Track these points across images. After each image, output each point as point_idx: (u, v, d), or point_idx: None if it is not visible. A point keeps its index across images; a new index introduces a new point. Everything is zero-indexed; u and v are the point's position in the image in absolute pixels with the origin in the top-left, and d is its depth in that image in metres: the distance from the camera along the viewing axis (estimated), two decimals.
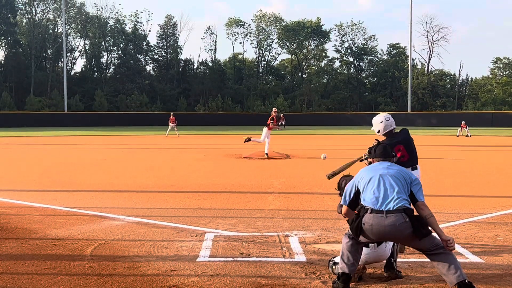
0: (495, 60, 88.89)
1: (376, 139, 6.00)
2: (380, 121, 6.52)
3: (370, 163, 5.48)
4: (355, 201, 5.08)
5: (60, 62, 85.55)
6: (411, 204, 4.88)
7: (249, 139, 20.14)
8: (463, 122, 39.23)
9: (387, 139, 6.41)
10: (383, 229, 4.73)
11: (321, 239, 6.74)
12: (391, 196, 4.83)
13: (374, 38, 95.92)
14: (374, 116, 6.72)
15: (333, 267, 5.22)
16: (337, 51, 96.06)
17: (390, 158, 5.30)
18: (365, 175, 5.10)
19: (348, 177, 5.61)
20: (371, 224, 4.77)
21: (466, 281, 4.54)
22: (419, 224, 4.72)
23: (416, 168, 6.54)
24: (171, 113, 41.78)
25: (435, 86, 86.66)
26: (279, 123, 20.77)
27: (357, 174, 5.27)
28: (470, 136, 36.18)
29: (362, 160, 6.29)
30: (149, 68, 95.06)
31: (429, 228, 4.74)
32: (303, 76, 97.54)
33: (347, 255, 4.91)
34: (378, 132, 6.53)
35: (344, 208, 5.18)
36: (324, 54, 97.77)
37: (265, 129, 20.11)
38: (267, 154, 19.29)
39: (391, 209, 4.75)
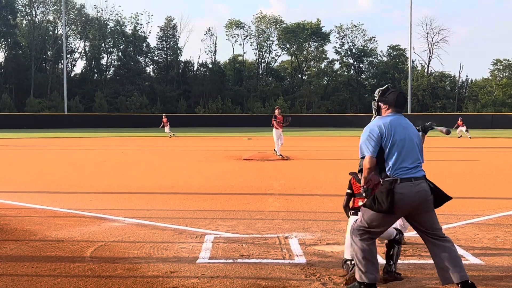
0: (495, 61, 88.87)
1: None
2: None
3: (378, 108, 4.93)
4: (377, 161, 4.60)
5: (60, 64, 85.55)
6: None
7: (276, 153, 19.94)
8: (459, 118, 39.06)
9: None
10: (413, 197, 4.46)
11: (321, 240, 6.74)
12: (417, 162, 4.65)
13: (374, 39, 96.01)
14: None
15: (348, 265, 5.16)
16: (337, 52, 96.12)
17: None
18: (392, 132, 4.61)
19: (355, 174, 5.44)
20: (401, 193, 4.45)
21: (470, 281, 4.48)
22: (439, 192, 4.63)
23: None
24: (163, 115, 41.68)
25: (435, 87, 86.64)
26: (286, 120, 20.66)
27: (373, 123, 4.74)
28: (470, 137, 35.99)
29: None
30: (149, 69, 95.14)
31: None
32: (303, 77, 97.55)
33: (364, 263, 4.56)
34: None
35: (373, 160, 4.57)
36: (324, 55, 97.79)
37: (274, 131, 20.18)
38: (281, 155, 19.36)
39: (418, 176, 4.57)
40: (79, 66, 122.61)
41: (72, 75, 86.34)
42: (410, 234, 7.13)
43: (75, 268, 5.50)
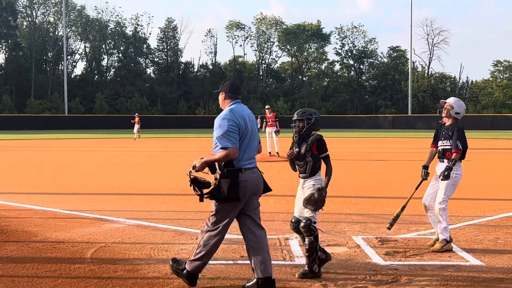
0: (495, 63, 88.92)
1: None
2: (465, 107, 6.72)
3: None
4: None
5: (60, 65, 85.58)
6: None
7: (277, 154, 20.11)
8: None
9: (457, 124, 6.55)
10: (255, 184, 4.99)
11: (321, 242, 6.72)
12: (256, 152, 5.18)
13: (375, 41, 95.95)
14: (374, 119, 6.78)
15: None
16: (337, 54, 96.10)
17: None
18: (243, 123, 5.01)
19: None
20: (246, 180, 4.90)
21: (272, 277, 4.80)
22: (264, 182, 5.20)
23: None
24: (136, 114, 41.62)
25: (435, 89, 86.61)
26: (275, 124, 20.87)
27: (229, 114, 4.96)
28: None
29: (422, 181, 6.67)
30: (149, 71, 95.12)
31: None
32: (304, 79, 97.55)
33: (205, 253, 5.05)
34: (459, 114, 6.57)
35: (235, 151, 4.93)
36: (324, 57, 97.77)
37: (266, 131, 20.51)
38: (277, 153, 19.66)
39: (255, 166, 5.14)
40: (80, 68, 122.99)
41: (72, 77, 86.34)
42: (410, 235, 7.13)
43: (75, 269, 5.50)
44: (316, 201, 5.38)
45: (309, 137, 5.51)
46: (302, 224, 5.39)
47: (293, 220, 5.59)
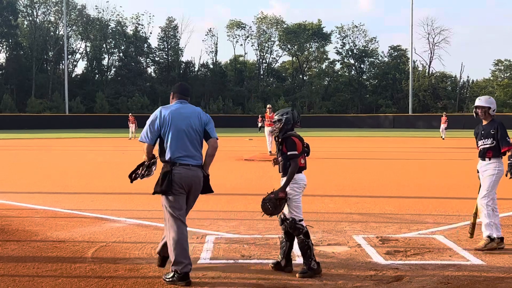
0: (496, 62, 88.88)
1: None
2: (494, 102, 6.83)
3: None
4: None
5: (61, 65, 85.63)
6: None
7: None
8: (444, 113, 39.12)
9: (496, 120, 6.77)
10: (189, 180, 5.26)
11: (322, 241, 6.73)
12: (194, 151, 5.38)
13: (375, 40, 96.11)
14: (375, 118, 6.80)
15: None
16: (338, 53, 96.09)
17: None
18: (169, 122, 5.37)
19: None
20: (180, 173, 5.23)
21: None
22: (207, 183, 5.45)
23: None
24: (130, 114, 41.70)
25: (436, 88, 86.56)
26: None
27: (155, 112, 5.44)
28: (444, 138, 36.27)
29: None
30: (150, 70, 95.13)
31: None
32: (304, 78, 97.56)
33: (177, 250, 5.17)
34: (494, 110, 6.76)
35: (150, 147, 5.44)
36: (325, 56, 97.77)
37: (265, 130, 20.66)
38: (270, 151, 19.82)
39: (194, 164, 5.34)
40: (80, 67, 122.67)
41: (73, 76, 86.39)
42: (411, 234, 7.13)
43: (76, 268, 5.50)
44: (262, 206, 5.41)
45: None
46: (287, 224, 5.38)
47: (279, 220, 5.54)
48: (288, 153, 5.39)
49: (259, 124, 48.82)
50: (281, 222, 5.47)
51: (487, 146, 6.63)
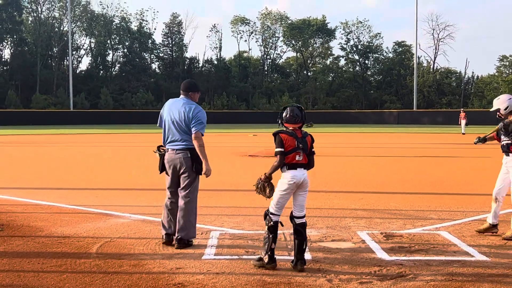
0: (501, 58, 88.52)
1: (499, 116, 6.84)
2: (509, 97, 6.87)
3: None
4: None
5: (65, 60, 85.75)
6: None
7: None
8: (461, 109, 39.03)
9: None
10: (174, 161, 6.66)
11: (326, 237, 6.73)
12: (178, 138, 6.65)
13: (380, 36, 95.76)
14: (379, 114, 6.81)
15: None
16: (342, 49, 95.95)
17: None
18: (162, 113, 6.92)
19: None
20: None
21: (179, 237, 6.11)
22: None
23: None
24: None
25: (440, 84, 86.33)
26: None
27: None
28: (464, 133, 36.35)
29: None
30: (154, 66, 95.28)
31: None
32: (308, 74, 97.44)
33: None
34: (506, 109, 6.80)
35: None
36: (329, 52, 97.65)
37: None
38: None
39: (179, 148, 6.66)
40: (85, 63, 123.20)
41: (77, 72, 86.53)
42: (415, 230, 7.12)
43: (81, 264, 5.51)
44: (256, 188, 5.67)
45: None
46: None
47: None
48: (276, 149, 5.50)
49: None
50: (264, 217, 5.62)
51: (509, 141, 6.88)
